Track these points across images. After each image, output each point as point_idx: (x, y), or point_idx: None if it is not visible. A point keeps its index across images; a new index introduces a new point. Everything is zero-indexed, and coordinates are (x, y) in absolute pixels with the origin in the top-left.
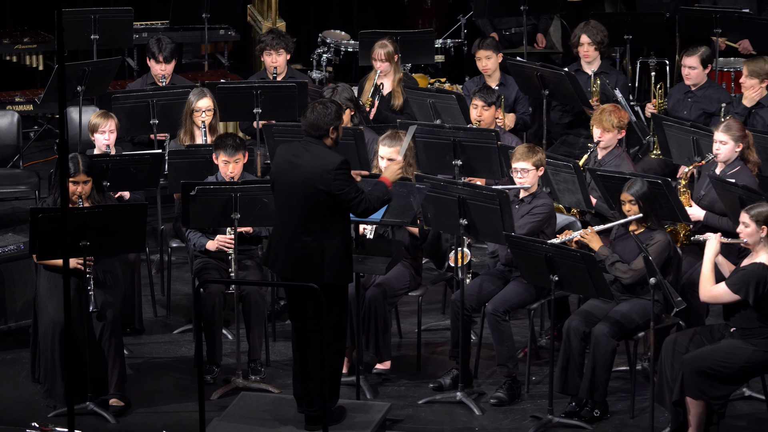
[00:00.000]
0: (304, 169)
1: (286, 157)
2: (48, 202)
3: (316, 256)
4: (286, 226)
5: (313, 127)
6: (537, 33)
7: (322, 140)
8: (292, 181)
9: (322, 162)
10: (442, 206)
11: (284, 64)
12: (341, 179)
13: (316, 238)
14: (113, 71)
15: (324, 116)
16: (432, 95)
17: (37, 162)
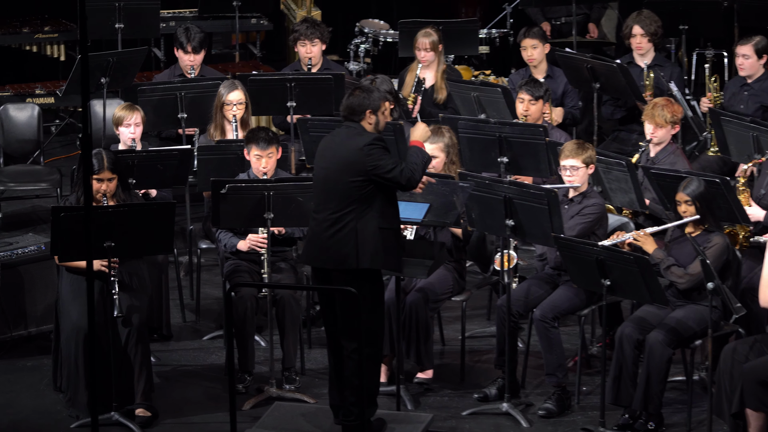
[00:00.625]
0: (339, 152)
1: (324, 145)
2: (70, 201)
3: (350, 242)
4: (320, 215)
5: (348, 110)
6: (589, 23)
7: (359, 124)
8: (327, 165)
9: (355, 141)
10: (487, 206)
11: (319, 55)
12: (375, 154)
13: (349, 223)
14: (139, 62)
15: (361, 99)
16: (476, 88)
17: (58, 158)
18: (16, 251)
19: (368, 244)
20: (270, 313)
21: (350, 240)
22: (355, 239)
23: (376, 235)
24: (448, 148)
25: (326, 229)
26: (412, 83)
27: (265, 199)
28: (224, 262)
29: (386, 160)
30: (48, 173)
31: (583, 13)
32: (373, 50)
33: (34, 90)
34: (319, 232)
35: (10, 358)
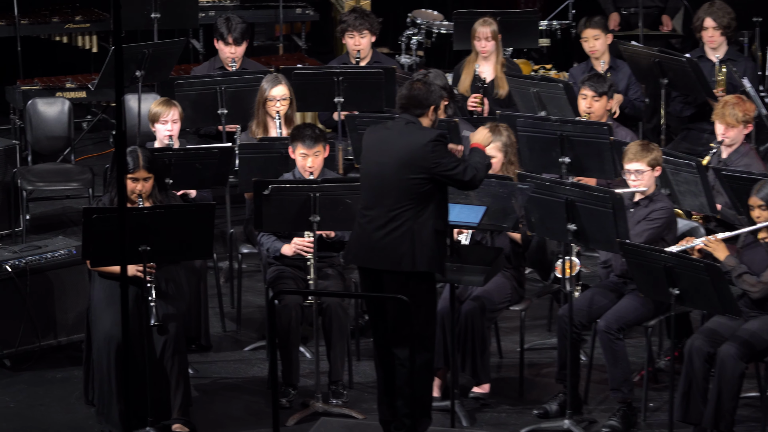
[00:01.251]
0: (398, 146)
1: (378, 139)
2: (103, 202)
3: (406, 242)
4: (371, 212)
5: (413, 102)
6: (663, 14)
7: (418, 120)
8: (384, 161)
9: (419, 136)
10: (547, 209)
11: (369, 48)
12: (438, 151)
13: (405, 222)
14: (176, 54)
15: (426, 93)
16: (536, 84)
17: (90, 156)
18: (45, 255)
19: (425, 245)
20: (316, 322)
21: (406, 240)
22: (411, 239)
23: (432, 237)
24: (506, 148)
25: (379, 227)
26: (470, 79)
27: (311, 201)
28: (267, 267)
29: (450, 158)
30: (79, 172)
31: (655, 6)
32: (426, 42)
33: (64, 84)
34: (371, 231)
35: (39, 369)
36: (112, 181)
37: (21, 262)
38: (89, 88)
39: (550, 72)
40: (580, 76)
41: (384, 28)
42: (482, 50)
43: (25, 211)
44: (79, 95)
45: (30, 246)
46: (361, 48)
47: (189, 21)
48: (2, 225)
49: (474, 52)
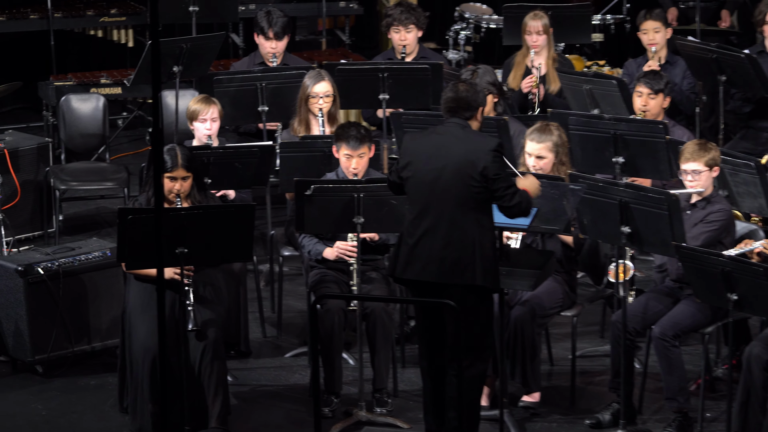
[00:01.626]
0: (456, 152)
1: (428, 144)
2: (139, 202)
3: (468, 254)
4: (427, 222)
5: (462, 104)
6: (722, 9)
7: (469, 123)
8: (439, 168)
9: (478, 143)
10: (600, 211)
11: (415, 43)
12: (499, 162)
13: (468, 233)
14: (215, 49)
15: (474, 94)
16: (589, 80)
17: (126, 154)
18: (78, 258)
19: (486, 258)
20: (360, 327)
21: (469, 251)
22: (473, 251)
23: (492, 249)
24: (557, 147)
25: (438, 238)
26: (521, 75)
27: (354, 202)
28: (309, 271)
29: (506, 174)
30: (114, 171)
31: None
32: (474, 37)
33: (99, 79)
34: (429, 243)
35: (72, 375)
36: (149, 181)
37: (53, 264)
38: (125, 84)
39: (603, 68)
40: (635, 71)
41: (431, 23)
42: (533, 44)
43: (57, 212)
44: (114, 91)
45: (63, 248)
46: (407, 43)
47: (228, 14)
48: (34, 226)
49: (524, 47)
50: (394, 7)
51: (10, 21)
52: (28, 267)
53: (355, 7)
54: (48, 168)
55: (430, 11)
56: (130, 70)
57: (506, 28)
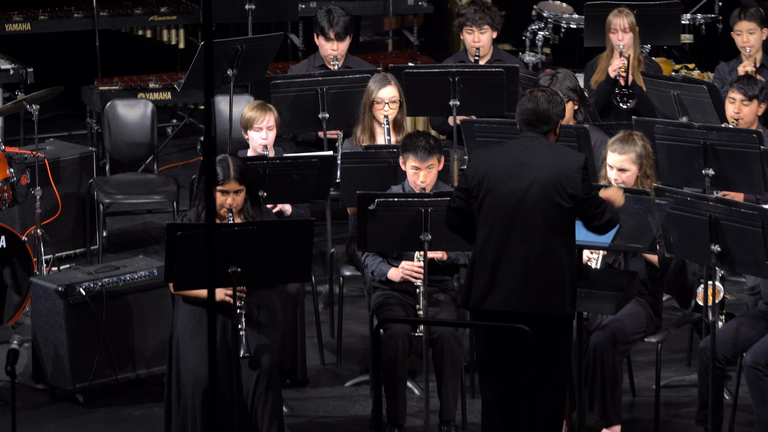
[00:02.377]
0: (542, 170)
1: (507, 160)
2: (189, 217)
3: (558, 281)
4: (510, 246)
5: (542, 118)
6: None
7: (547, 136)
8: (524, 187)
9: (565, 160)
10: (688, 228)
11: (489, 44)
12: (587, 180)
13: (557, 258)
14: (273, 51)
15: (553, 104)
16: (677, 86)
17: (175, 165)
18: (123, 277)
19: (572, 285)
20: (426, 354)
21: (559, 278)
22: (563, 277)
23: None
24: (641, 159)
25: (525, 264)
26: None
27: (422, 217)
28: (371, 292)
29: (596, 193)
30: (163, 183)
31: None
32: (553, 39)
33: (147, 83)
34: (513, 269)
35: (115, 405)
36: (200, 194)
37: (96, 284)
38: (175, 89)
39: (692, 72)
40: (727, 75)
41: (506, 23)
42: (619, 42)
43: (101, 227)
44: (163, 97)
45: (107, 266)
46: (481, 45)
47: (287, 13)
48: (76, 242)
49: (609, 47)
50: (467, 5)
51: (53, 20)
52: (68, 287)
53: (424, 6)
54: (91, 180)
55: (506, 10)
56: (181, 73)
57: (588, 27)
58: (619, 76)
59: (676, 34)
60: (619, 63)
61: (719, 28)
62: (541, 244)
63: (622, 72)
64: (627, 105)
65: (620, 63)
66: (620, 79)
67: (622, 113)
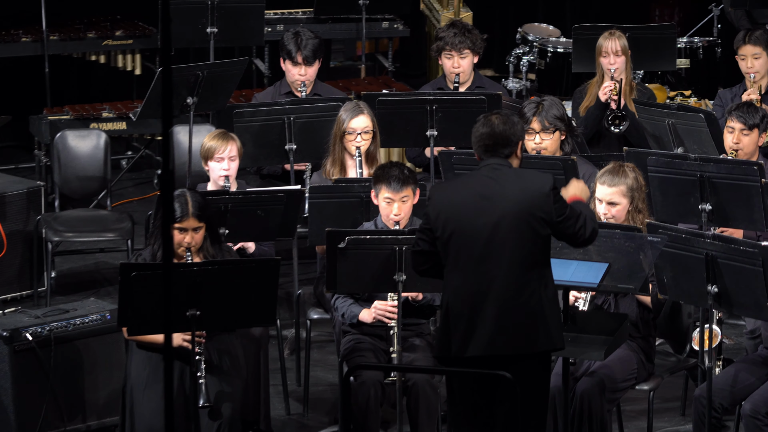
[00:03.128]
0: (510, 202)
1: (471, 194)
2: (145, 256)
3: (538, 316)
4: (485, 285)
5: (500, 140)
6: None
7: (509, 161)
8: (492, 223)
9: (532, 185)
10: (683, 267)
11: (470, 70)
12: (559, 200)
13: (536, 291)
14: (236, 77)
15: (511, 125)
16: (672, 114)
17: (130, 200)
18: (73, 321)
19: (555, 317)
20: (400, 403)
21: (538, 313)
22: (542, 312)
23: (557, 307)
24: (633, 192)
25: (504, 302)
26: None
27: (396, 256)
28: (341, 337)
29: (569, 208)
30: (116, 220)
31: None
32: (538, 64)
33: (100, 113)
34: (493, 310)
35: None
36: (156, 232)
37: (44, 329)
38: (130, 119)
39: (689, 99)
40: (730, 102)
41: (488, 47)
42: (610, 66)
43: (50, 268)
44: (118, 127)
45: (55, 310)
46: (461, 70)
47: (252, 37)
48: (22, 284)
49: (599, 73)
50: (445, 28)
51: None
52: (14, 332)
53: (400, 28)
54: (39, 216)
55: (488, 33)
56: (137, 102)
57: (576, 52)
58: (610, 99)
59: (672, 59)
60: (610, 84)
61: (718, 52)
62: (517, 280)
63: (613, 95)
64: (620, 128)
65: (611, 84)
66: (611, 102)
67: (613, 143)
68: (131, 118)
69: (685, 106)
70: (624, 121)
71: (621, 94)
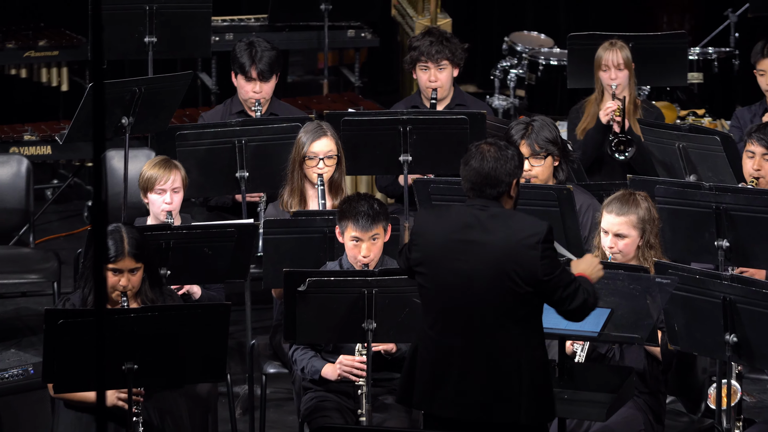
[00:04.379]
0: (490, 250)
1: (450, 234)
2: (73, 301)
3: (513, 382)
4: (455, 340)
5: (488, 180)
6: None
7: (500, 201)
8: (469, 270)
9: (519, 233)
10: (697, 313)
11: (449, 85)
12: (549, 257)
13: (511, 354)
14: (179, 94)
15: (504, 162)
16: (683, 136)
17: (56, 237)
18: None
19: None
20: None
21: (513, 380)
22: (519, 379)
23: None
24: (645, 224)
25: (474, 363)
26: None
27: (365, 301)
28: (302, 394)
29: (562, 270)
30: (41, 259)
31: None
32: (528, 78)
33: (21, 135)
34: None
35: None
36: (87, 273)
37: None
38: (56, 142)
39: (702, 120)
40: (748, 122)
41: (471, 58)
42: (611, 81)
43: None
44: (42, 151)
45: None
46: (439, 85)
47: (197, 47)
48: None
49: (598, 89)
50: (420, 36)
51: None
52: None
53: (368, 38)
54: None
55: (470, 43)
56: (64, 122)
57: (572, 65)
58: (612, 121)
59: (683, 73)
60: (613, 105)
61: (735, 65)
62: (490, 339)
63: (616, 116)
64: (625, 155)
65: (614, 105)
66: (614, 125)
67: (615, 170)
68: (57, 142)
69: (698, 127)
70: (630, 146)
71: (625, 114)
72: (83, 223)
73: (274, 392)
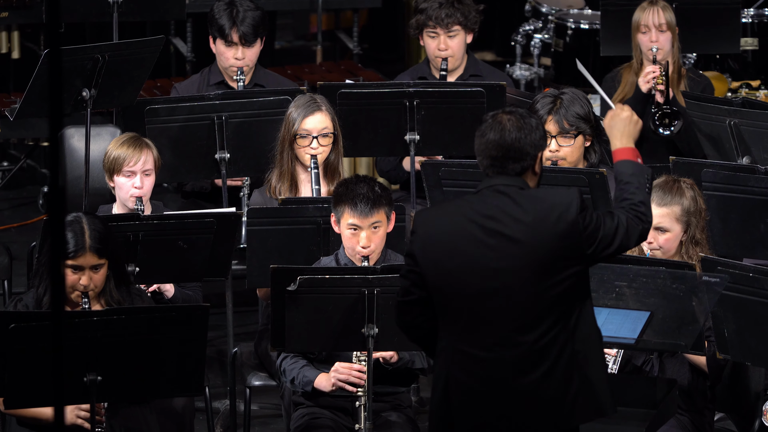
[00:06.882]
0: (524, 241)
1: (467, 226)
2: (26, 302)
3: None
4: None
5: (511, 152)
6: None
7: (522, 178)
8: (500, 266)
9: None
10: (750, 317)
11: (462, 53)
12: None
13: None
14: (149, 63)
15: (527, 132)
16: (735, 111)
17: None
18: None
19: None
20: None
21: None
22: (571, 378)
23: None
24: (690, 217)
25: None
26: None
27: (364, 302)
28: (292, 410)
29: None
30: None
31: None
32: (555, 44)
33: None
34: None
35: None
36: (42, 270)
37: None
38: (6, 118)
39: (757, 92)
40: None
41: (487, 21)
42: (651, 45)
43: None
44: None
45: None
46: (450, 53)
47: (170, 8)
48: None
49: (636, 55)
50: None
51: None
52: None
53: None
54: None
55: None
56: (15, 95)
57: (605, 29)
58: (654, 90)
59: (735, 38)
60: (654, 69)
61: None
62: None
63: (659, 83)
64: (671, 129)
65: (655, 69)
66: (657, 94)
67: (657, 150)
68: (7, 117)
69: (752, 101)
70: (676, 119)
71: (669, 83)
72: (38, 213)
73: (260, 408)
